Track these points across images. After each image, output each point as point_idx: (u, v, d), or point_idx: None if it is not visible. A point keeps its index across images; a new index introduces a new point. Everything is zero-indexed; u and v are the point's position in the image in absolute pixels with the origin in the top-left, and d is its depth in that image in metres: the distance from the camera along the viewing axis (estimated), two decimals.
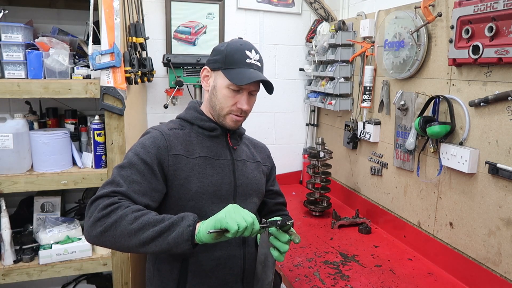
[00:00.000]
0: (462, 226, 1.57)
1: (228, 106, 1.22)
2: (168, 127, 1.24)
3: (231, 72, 1.19)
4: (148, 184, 1.12)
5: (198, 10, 2.47)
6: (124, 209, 1.02)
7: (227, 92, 1.20)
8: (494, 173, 1.40)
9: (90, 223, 1.04)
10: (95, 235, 1.03)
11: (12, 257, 1.73)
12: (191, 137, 1.24)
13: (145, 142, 1.17)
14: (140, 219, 1.00)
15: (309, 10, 2.71)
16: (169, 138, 1.19)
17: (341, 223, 2.09)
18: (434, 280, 1.60)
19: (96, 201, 1.07)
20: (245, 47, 1.22)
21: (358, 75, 2.30)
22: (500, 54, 1.30)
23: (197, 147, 1.23)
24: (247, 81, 1.16)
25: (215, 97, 1.23)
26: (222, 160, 1.25)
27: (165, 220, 1.01)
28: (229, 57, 1.20)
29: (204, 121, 1.27)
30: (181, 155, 1.18)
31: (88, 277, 2.29)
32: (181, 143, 1.21)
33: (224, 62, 1.20)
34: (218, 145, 1.27)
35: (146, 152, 1.14)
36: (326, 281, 1.57)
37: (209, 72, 1.26)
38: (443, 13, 1.60)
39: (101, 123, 1.78)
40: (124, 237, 1.00)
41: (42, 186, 1.72)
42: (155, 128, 1.23)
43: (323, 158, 2.27)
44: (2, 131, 1.66)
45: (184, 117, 1.30)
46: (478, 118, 1.48)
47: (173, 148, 1.18)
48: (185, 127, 1.26)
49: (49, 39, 1.75)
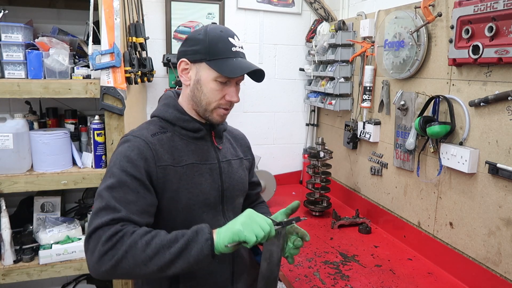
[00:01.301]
0: (462, 226, 1.57)
1: (216, 100, 1.13)
2: (150, 132, 1.13)
3: (218, 63, 1.09)
4: (144, 200, 1.05)
5: (198, 10, 2.47)
6: (131, 237, 0.95)
7: (215, 85, 1.11)
8: (494, 173, 1.40)
9: (95, 259, 0.94)
10: (105, 270, 0.93)
11: (12, 257, 1.73)
12: (175, 141, 1.15)
13: (130, 155, 1.06)
14: (152, 244, 0.94)
15: (309, 10, 2.71)
16: (155, 147, 1.09)
17: (341, 223, 2.09)
18: (434, 280, 1.60)
19: (95, 232, 0.96)
20: (227, 33, 1.13)
21: (358, 75, 2.30)
22: (500, 54, 1.30)
23: (183, 153, 1.14)
24: (241, 72, 1.09)
25: (200, 91, 1.13)
26: (209, 164, 1.19)
27: (179, 238, 0.96)
28: (213, 47, 1.09)
29: (187, 121, 1.18)
30: (169, 165, 1.10)
31: (88, 277, 2.29)
32: (166, 150, 1.12)
33: (208, 53, 1.10)
34: (204, 146, 1.20)
35: (134, 166, 1.05)
36: (326, 281, 1.57)
37: (188, 65, 1.14)
38: (443, 13, 1.60)
39: (101, 123, 1.78)
40: (140, 266, 0.93)
41: (42, 186, 1.72)
42: (136, 136, 1.11)
43: (323, 158, 2.27)
44: (2, 131, 1.66)
45: (164, 117, 1.18)
46: (478, 118, 1.48)
47: (160, 158, 1.09)
48: (167, 129, 1.16)
49: (49, 39, 1.75)
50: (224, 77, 1.11)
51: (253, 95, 2.68)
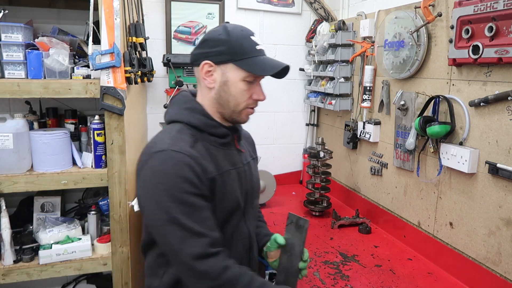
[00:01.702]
0: (462, 226, 1.57)
1: (245, 100, 1.11)
2: (187, 144, 1.06)
3: (246, 63, 1.08)
4: (211, 213, 1.07)
5: (198, 10, 2.47)
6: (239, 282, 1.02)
7: (243, 85, 1.09)
8: (494, 173, 1.40)
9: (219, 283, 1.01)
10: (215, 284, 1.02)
11: (12, 257, 1.73)
12: (209, 149, 1.11)
13: (183, 174, 1.01)
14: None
15: (309, 10, 2.71)
16: (199, 161, 1.05)
17: (341, 223, 2.09)
18: (434, 280, 1.60)
19: (203, 260, 1.00)
20: (248, 32, 1.13)
21: (358, 75, 2.30)
22: (500, 54, 1.30)
23: (219, 160, 1.12)
24: (273, 70, 1.08)
25: (227, 93, 1.10)
26: (237, 169, 1.18)
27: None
28: (238, 47, 1.08)
29: (215, 127, 1.14)
30: (215, 175, 1.08)
31: (88, 277, 2.28)
32: (207, 160, 1.08)
33: (234, 53, 1.07)
34: (231, 151, 1.18)
35: (192, 184, 1.02)
36: (326, 281, 1.57)
37: (212, 67, 1.10)
38: (443, 13, 1.60)
39: (101, 123, 1.78)
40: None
41: (42, 186, 1.72)
42: (177, 150, 1.03)
43: (323, 158, 2.27)
44: (2, 131, 1.66)
45: (191, 123, 1.12)
46: (478, 118, 1.48)
47: (206, 170, 1.06)
48: (195, 137, 1.11)
49: (49, 39, 1.75)
50: (252, 76, 1.09)
51: None
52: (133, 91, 1.95)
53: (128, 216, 1.83)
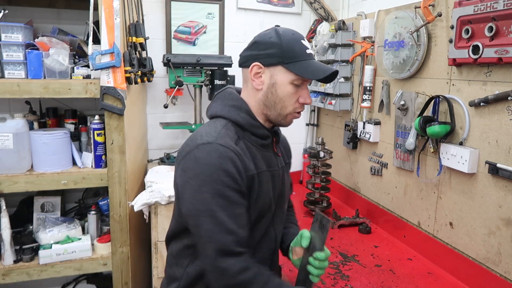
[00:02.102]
0: (462, 226, 1.57)
1: (292, 103, 1.12)
2: (232, 139, 1.09)
3: (296, 66, 1.09)
4: (245, 210, 1.08)
5: (198, 10, 2.47)
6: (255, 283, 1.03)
7: (291, 88, 1.11)
8: (494, 173, 1.40)
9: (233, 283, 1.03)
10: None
11: (12, 257, 1.73)
12: (250, 148, 1.13)
13: (226, 168, 1.03)
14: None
15: (309, 10, 2.71)
16: (242, 158, 1.07)
17: (341, 223, 2.09)
18: (434, 280, 1.60)
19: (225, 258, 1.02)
20: (299, 36, 1.13)
21: (358, 75, 2.30)
22: (500, 54, 1.30)
23: (258, 160, 1.13)
24: (323, 74, 1.09)
25: (275, 95, 1.11)
26: (272, 171, 1.18)
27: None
28: (290, 50, 1.09)
29: (258, 128, 1.15)
30: (254, 173, 1.10)
31: (88, 277, 2.29)
32: (249, 159, 1.10)
33: (284, 56, 1.08)
34: (269, 153, 1.19)
35: (233, 179, 1.04)
36: (326, 281, 1.57)
37: (261, 69, 1.11)
38: (443, 13, 1.60)
39: (101, 123, 1.78)
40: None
41: (42, 186, 1.72)
42: (223, 144, 1.05)
43: (323, 158, 2.27)
44: (2, 131, 1.67)
45: (236, 121, 1.13)
46: (478, 118, 1.48)
47: (247, 168, 1.08)
48: (239, 135, 1.13)
49: (49, 39, 1.75)
50: (300, 80, 1.11)
51: None
52: (133, 91, 1.95)
53: (128, 216, 1.83)
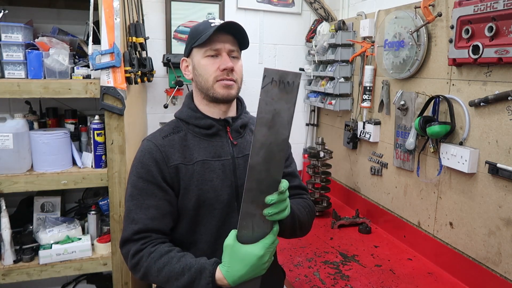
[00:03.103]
0: (462, 226, 1.57)
1: (211, 73, 1.15)
2: (162, 134, 1.19)
3: (201, 39, 1.14)
4: (164, 202, 1.13)
5: (198, 10, 2.47)
6: (147, 260, 1.06)
7: (206, 61, 1.15)
8: (494, 173, 1.40)
9: (129, 268, 1.12)
10: (138, 278, 1.11)
11: (12, 257, 1.73)
12: (188, 140, 1.19)
13: (143, 160, 1.14)
14: (163, 272, 1.04)
15: (309, 10, 2.71)
16: (164, 149, 1.15)
17: (341, 223, 2.09)
18: (434, 280, 1.60)
19: (124, 246, 1.12)
20: (208, 19, 1.19)
21: (358, 75, 2.30)
22: (500, 54, 1.30)
23: (194, 151, 1.17)
24: (212, 32, 1.10)
25: (198, 75, 1.18)
26: (222, 161, 1.18)
27: (185, 272, 1.02)
28: (195, 32, 1.17)
29: (199, 118, 1.20)
30: (180, 163, 1.14)
31: (88, 277, 2.29)
32: (177, 150, 1.16)
33: (192, 38, 1.17)
34: (217, 143, 1.20)
35: (147, 171, 1.12)
36: (326, 281, 1.57)
37: (187, 61, 1.23)
38: (443, 13, 1.60)
39: (101, 123, 1.78)
40: (160, 283, 1.07)
41: (42, 186, 1.72)
42: (149, 139, 1.18)
43: (323, 158, 2.27)
44: (2, 131, 1.66)
45: (179, 117, 1.24)
46: (478, 118, 1.48)
47: (170, 158, 1.14)
48: (181, 129, 1.21)
49: (49, 39, 1.75)
50: (210, 50, 1.14)
51: (253, 95, 2.67)
52: (133, 91, 1.95)
53: None
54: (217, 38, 1.14)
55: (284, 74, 0.88)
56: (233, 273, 0.99)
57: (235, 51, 1.18)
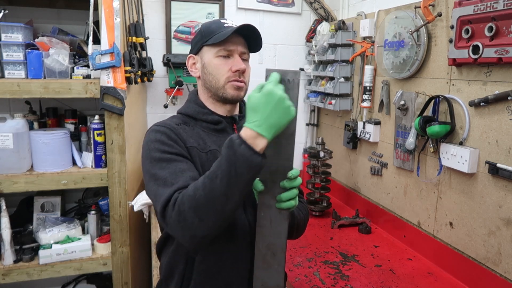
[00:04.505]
0: (462, 226, 1.57)
1: (223, 73, 1.14)
2: (174, 122, 1.17)
3: (213, 38, 1.13)
4: (193, 166, 1.08)
5: (198, 10, 2.47)
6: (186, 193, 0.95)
7: (218, 61, 1.15)
8: (494, 173, 1.40)
9: (174, 219, 0.95)
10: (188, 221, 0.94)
11: (12, 257, 1.73)
12: (198, 131, 1.18)
13: (161, 138, 1.09)
14: (207, 187, 0.92)
15: (309, 10, 2.71)
16: (179, 132, 1.13)
17: (341, 223, 2.09)
18: (434, 280, 1.60)
19: (166, 208, 0.97)
20: (220, 19, 1.19)
21: (358, 75, 2.30)
22: (500, 54, 1.30)
23: (207, 141, 1.16)
24: (230, 32, 1.10)
25: (208, 74, 1.17)
26: None
27: (218, 164, 0.92)
28: (207, 30, 1.16)
29: (207, 114, 1.20)
30: (195, 147, 1.12)
31: (88, 277, 2.29)
32: (191, 136, 1.15)
33: (204, 36, 1.16)
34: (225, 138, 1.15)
35: (169, 145, 1.08)
36: (326, 281, 1.57)
37: (195, 58, 1.22)
38: (443, 13, 1.60)
39: (101, 123, 1.78)
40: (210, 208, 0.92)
41: (42, 186, 1.72)
42: (161, 125, 1.14)
43: (323, 158, 2.27)
44: (2, 131, 1.67)
45: (186, 112, 1.22)
46: (478, 118, 1.48)
47: (187, 141, 1.12)
48: (189, 123, 1.19)
49: (49, 39, 1.75)
50: (223, 50, 1.14)
51: None
52: (133, 91, 1.95)
53: (128, 216, 1.83)
54: (231, 39, 1.14)
55: (284, 72, 0.95)
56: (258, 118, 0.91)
57: (246, 54, 1.19)
